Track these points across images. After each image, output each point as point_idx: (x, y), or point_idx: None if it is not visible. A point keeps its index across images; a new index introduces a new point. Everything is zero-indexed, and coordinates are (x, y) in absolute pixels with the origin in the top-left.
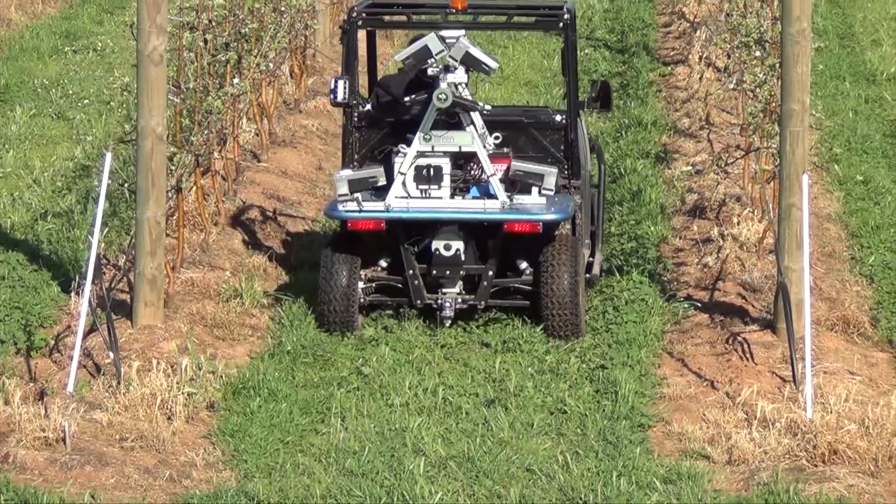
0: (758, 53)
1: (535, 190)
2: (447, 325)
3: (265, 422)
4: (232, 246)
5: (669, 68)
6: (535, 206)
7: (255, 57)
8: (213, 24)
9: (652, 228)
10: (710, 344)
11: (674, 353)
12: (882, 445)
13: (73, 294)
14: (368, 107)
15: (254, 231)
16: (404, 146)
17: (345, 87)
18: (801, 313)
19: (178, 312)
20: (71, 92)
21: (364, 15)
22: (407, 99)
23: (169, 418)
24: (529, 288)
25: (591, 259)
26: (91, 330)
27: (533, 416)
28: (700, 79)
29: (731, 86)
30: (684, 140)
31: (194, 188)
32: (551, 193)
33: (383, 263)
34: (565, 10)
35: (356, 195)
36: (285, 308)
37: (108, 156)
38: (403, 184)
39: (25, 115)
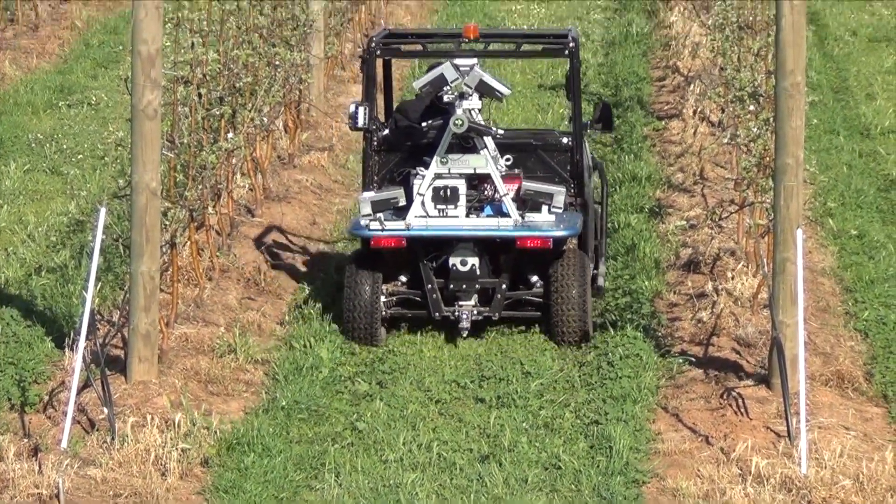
0: (752, 107)
1: (544, 208)
2: (464, 335)
3: (259, 478)
4: (226, 301)
5: (663, 122)
6: (546, 223)
7: (250, 111)
8: (208, 78)
9: (646, 283)
10: (704, 399)
11: (668, 408)
12: (877, 501)
13: (67, 349)
14: (387, 132)
15: (248, 285)
16: (422, 168)
17: (365, 113)
18: (795, 368)
19: (173, 368)
20: (65, 147)
21: (382, 44)
22: (424, 124)
23: (163, 474)
24: (540, 300)
25: (595, 272)
26: (85, 385)
27: (527, 471)
28: (694, 133)
29: (726, 140)
30: (678, 194)
31: (189, 243)
32: (560, 211)
33: (403, 278)
34: (570, 37)
35: (378, 215)
36: (279, 363)
37: (103, 211)
38: (422, 204)
39: (20, 170)
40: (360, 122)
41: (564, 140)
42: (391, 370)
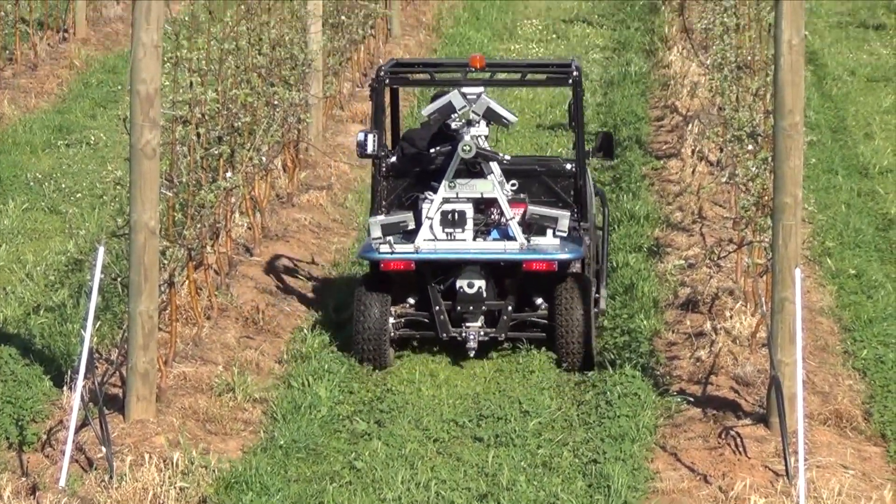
0: (750, 147)
1: (549, 232)
2: (472, 355)
3: None
4: (224, 340)
5: (662, 162)
6: (551, 246)
7: (248, 151)
8: (207, 117)
9: (645, 322)
10: (703, 438)
11: (667, 447)
12: None
13: (65, 388)
14: (394, 158)
15: (247, 324)
16: (431, 193)
17: (374, 141)
18: (793, 407)
19: (171, 407)
20: (64, 186)
21: (390, 73)
22: (432, 150)
23: None
24: (545, 321)
25: (597, 295)
26: (83, 424)
27: None
28: (693, 172)
29: (724, 179)
30: (677, 234)
31: (187, 282)
32: (564, 235)
33: (412, 300)
34: (573, 67)
35: (388, 238)
36: (277, 402)
37: (101, 250)
38: (431, 227)
39: (18, 209)
40: (370, 149)
41: (568, 166)
42: (389, 409)
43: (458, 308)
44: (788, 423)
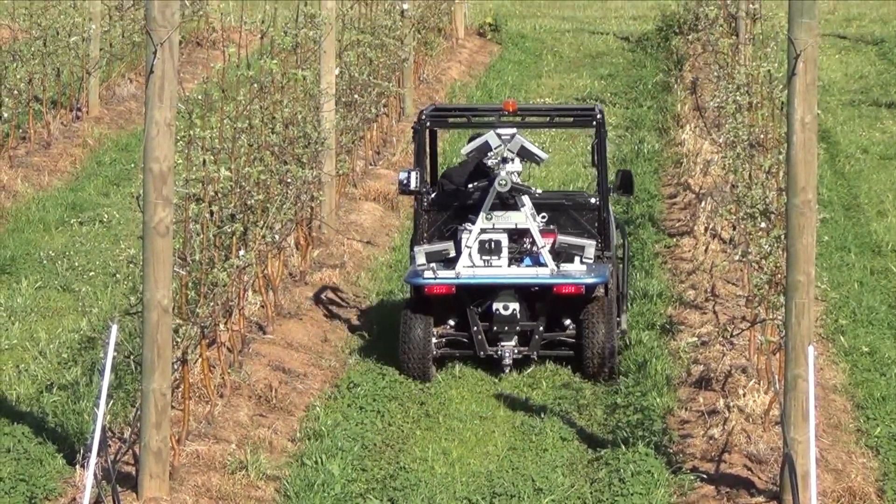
0: (763, 225)
1: (577, 259)
2: (507, 371)
3: None
4: (237, 418)
5: (675, 240)
6: (578, 272)
7: (262, 229)
8: (220, 196)
9: (658, 400)
10: None
11: None
12: None
13: (78, 466)
14: (434, 194)
15: (259, 402)
16: (469, 224)
17: (416, 178)
18: (807, 485)
19: (184, 485)
20: (77, 264)
21: (431, 117)
22: (470, 186)
23: None
24: (573, 340)
25: (618, 319)
26: (97, 502)
27: None
28: (706, 250)
29: (737, 257)
30: (690, 311)
31: (200, 360)
32: (591, 262)
33: (452, 322)
34: (597, 111)
35: (431, 265)
36: (291, 480)
37: (114, 328)
38: (470, 255)
39: (31, 288)
40: (413, 186)
41: (592, 200)
42: (402, 487)
43: (495, 328)
44: (802, 501)
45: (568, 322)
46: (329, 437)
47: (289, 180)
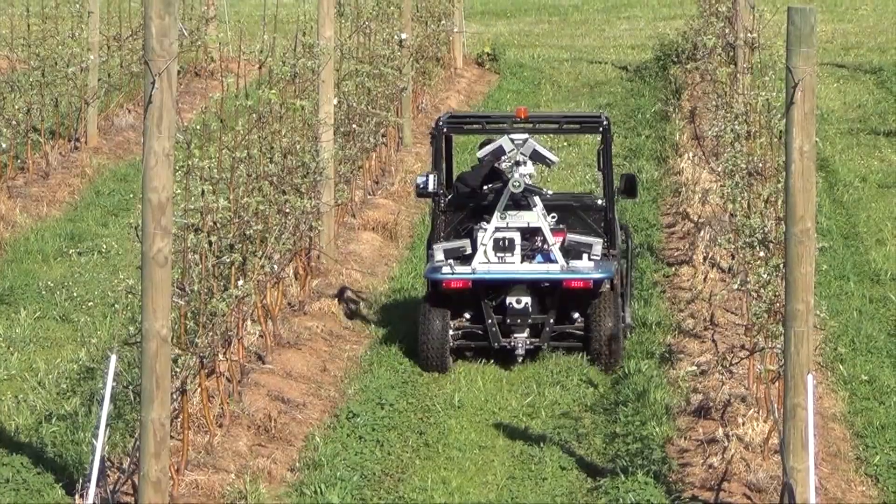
0: (762, 253)
1: (585, 256)
2: (520, 360)
3: None
4: (236, 448)
5: (674, 269)
6: (586, 268)
7: (260, 259)
8: (218, 226)
9: (657, 429)
10: None
11: None
12: None
13: (77, 497)
14: (451, 196)
15: (259, 432)
16: (484, 223)
17: (434, 180)
18: None
19: None
20: (76, 294)
21: (448, 123)
22: (485, 188)
23: None
24: (581, 332)
25: (623, 313)
26: None
27: None
28: (704, 279)
29: (736, 286)
30: (689, 340)
31: (199, 390)
32: (598, 258)
33: (468, 315)
34: (603, 118)
35: (449, 261)
36: None
37: (113, 358)
38: (485, 252)
39: (30, 318)
40: (431, 188)
41: (599, 202)
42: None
43: (508, 321)
44: None
45: (576, 315)
46: (328, 467)
47: (287, 210)
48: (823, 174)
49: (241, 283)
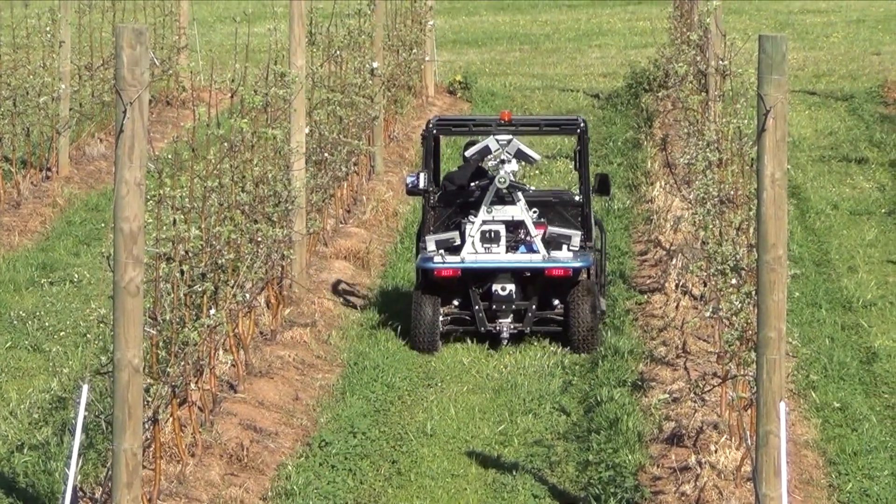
0: (734, 281)
1: (564, 247)
2: (505, 344)
3: None
4: (209, 477)
5: (646, 296)
6: (566, 258)
7: (232, 288)
8: (190, 255)
9: (629, 457)
10: None
11: None
12: None
13: None
14: (440, 193)
15: (231, 461)
16: (472, 217)
17: (425, 178)
18: None
19: None
20: (47, 324)
21: (438, 125)
22: (472, 184)
23: None
24: (560, 318)
25: (598, 300)
26: None
27: None
28: (676, 307)
29: (708, 313)
30: (661, 368)
31: (171, 419)
32: (576, 249)
33: (456, 302)
34: (580, 120)
35: (440, 251)
36: None
37: (85, 388)
38: (473, 244)
39: (1, 348)
40: (422, 185)
41: (577, 198)
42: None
43: (493, 307)
44: None
45: (556, 302)
46: (301, 496)
47: (259, 239)
48: (795, 201)
49: (212, 312)
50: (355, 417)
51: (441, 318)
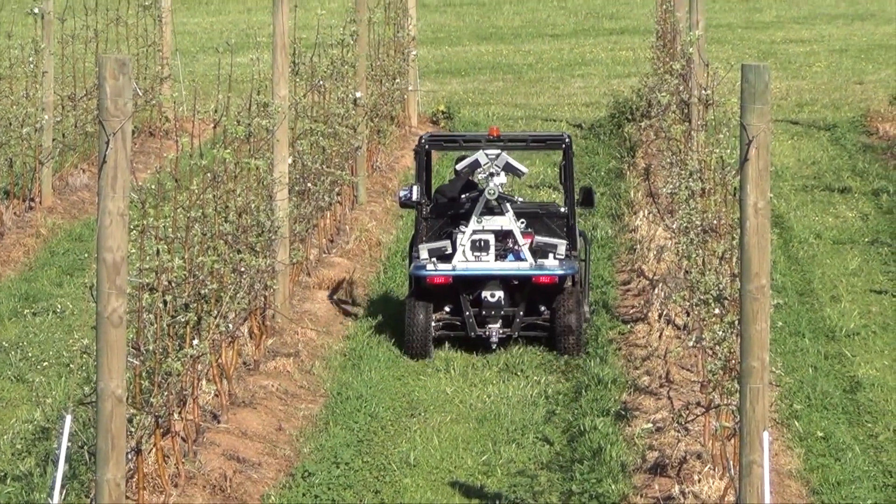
0: (717, 311)
1: (551, 255)
2: (494, 348)
3: None
4: None
5: (629, 326)
6: (552, 266)
7: (215, 318)
8: (173, 285)
9: (613, 486)
10: None
11: None
12: None
13: None
14: (432, 205)
15: (214, 492)
16: (463, 227)
17: (418, 191)
18: None
19: None
20: (30, 354)
21: (430, 140)
22: (463, 197)
23: None
24: (547, 323)
25: (583, 309)
26: None
27: None
28: (660, 336)
29: (691, 343)
30: (644, 397)
31: (154, 450)
32: (562, 258)
33: (448, 308)
34: (565, 136)
35: (433, 259)
36: None
37: (68, 418)
38: (463, 252)
39: None
40: (415, 197)
41: (562, 210)
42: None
43: (483, 313)
44: None
45: (543, 308)
46: None
47: (242, 269)
48: (778, 231)
49: (196, 342)
50: (338, 448)
51: (433, 324)
